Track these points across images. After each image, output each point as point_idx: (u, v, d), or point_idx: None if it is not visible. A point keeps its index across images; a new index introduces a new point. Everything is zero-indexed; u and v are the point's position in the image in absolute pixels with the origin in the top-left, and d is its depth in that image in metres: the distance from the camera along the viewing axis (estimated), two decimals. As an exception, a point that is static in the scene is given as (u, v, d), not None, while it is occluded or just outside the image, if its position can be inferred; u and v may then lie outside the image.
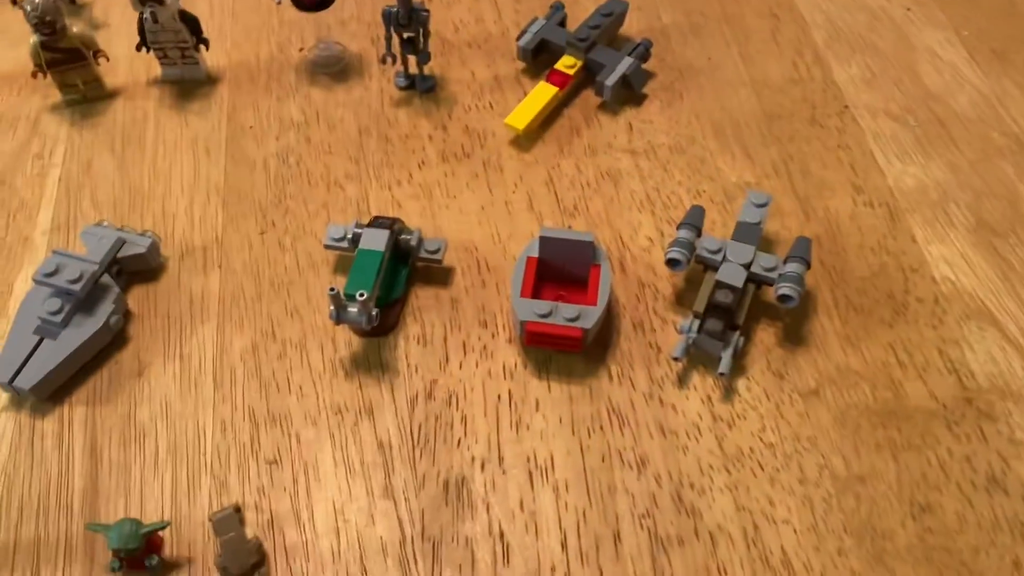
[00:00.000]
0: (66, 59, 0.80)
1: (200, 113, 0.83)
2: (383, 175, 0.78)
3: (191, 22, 0.81)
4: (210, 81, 0.85)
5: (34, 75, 0.81)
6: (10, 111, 0.83)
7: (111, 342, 0.68)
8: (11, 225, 0.75)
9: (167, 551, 0.59)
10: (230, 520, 0.58)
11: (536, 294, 0.67)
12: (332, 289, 0.62)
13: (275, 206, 0.76)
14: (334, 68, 0.86)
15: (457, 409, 0.65)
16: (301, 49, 0.87)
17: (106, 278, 0.68)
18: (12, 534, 0.59)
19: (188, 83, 0.85)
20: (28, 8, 0.75)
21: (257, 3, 0.91)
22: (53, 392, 0.65)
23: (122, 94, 0.84)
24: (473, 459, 0.63)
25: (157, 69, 0.85)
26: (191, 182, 0.78)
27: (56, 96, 0.83)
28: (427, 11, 0.78)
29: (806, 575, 0.57)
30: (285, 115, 0.83)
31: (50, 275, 0.66)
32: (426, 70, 0.83)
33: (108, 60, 0.82)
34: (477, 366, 0.67)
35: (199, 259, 0.73)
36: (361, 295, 0.62)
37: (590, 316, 0.64)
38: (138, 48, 0.82)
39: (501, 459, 0.63)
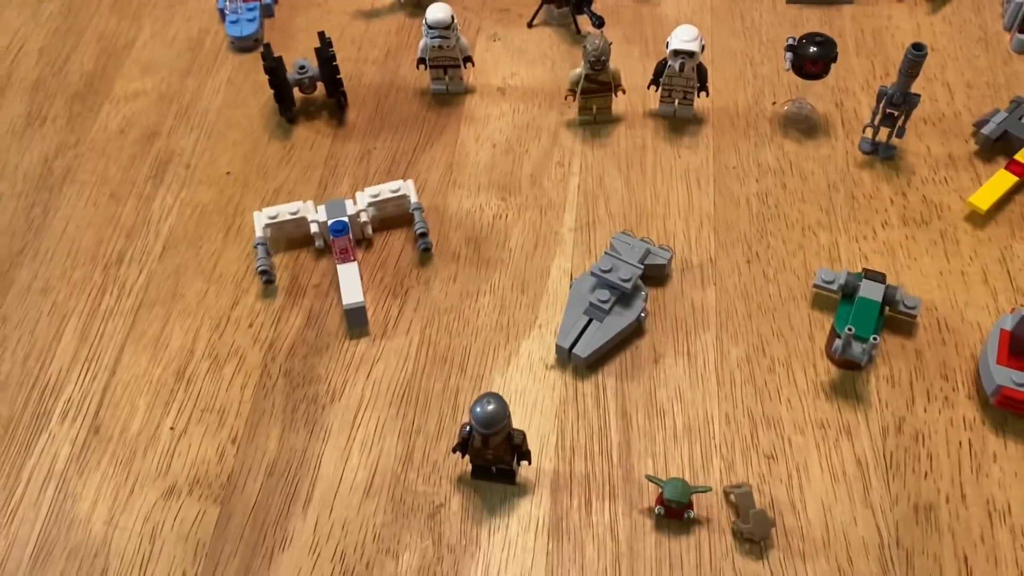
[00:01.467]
0: (597, 89, 0.97)
1: (690, 148, 0.98)
2: (851, 229, 0.91)
3: (703, 72, 0.96)
4: (696, 121, 1.01)
5: (566, 98, 0.99)
6: (535, 121, 1.02)
7: (634, 331, 0.85)
8: (543, 219, 0.94)
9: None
10: (750, 496, 0.73)
11: (1003, 363, 0.78)
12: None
13: (758, 240, 0.91)
14: (803, 124, 0.99)
15: (923, 446, 0.77)
16: (774, 103, 1.01)
17: (633, 282, 0.85)
18: (567, 465, 0.77)
19: (677, 120, 1.01)
20: (588, 47, 0.93)
21: (732, 54, 1.06)
22: (590, 364, 0.83)
23: (623, 121, 1.01)
24: (938, 491, 0.75)
25: (650, 103, 1.02)
26: (686, 208, 0.94)
27: (570, 115, 1.01)
28: (919, 96, 0.90)
29: None
30: (762, 160, 0.97)
31: (605, 271, 0.83)
32: (892, 141, 0.95)
33: (625, 94, 0.99)
34: (940, 412, 0.79)
35: (697, 275, 0.89)
36: (874, 339, 0.76)
37: (1066, 393, 0.74)
38: (650, 86, 0.99)
39: (963, 496, 0.74)
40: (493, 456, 0.73)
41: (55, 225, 0.95)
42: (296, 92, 1.02)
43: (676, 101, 0.99)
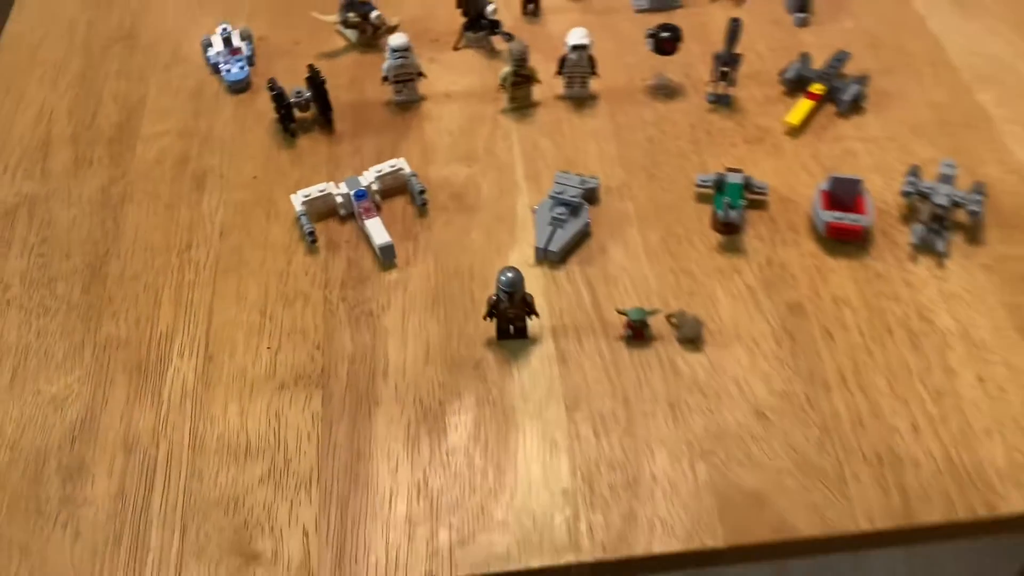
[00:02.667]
0: (521, 82, 1.34)
1: (592, 116, 1.36)
2: (712, 150, 1.30)
3: (592, 60, 1.34)
4: (592, 98, 1.39)
5: (498, 90, 1.35)
6: (477, 112, 1.37)
7: (584, 234, 1.20)
8: (501, 175, 1.28)
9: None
10: (684, 315, 1.09)
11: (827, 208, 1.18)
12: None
13: (652, 167, 1.29)
14: (665, 91, 1.39)
15: (787, 271, 1.16)
16: (643, 80, 1.41)
17: (578, 199, 1.20)
18: (560, 321, 1.11)
19: (579, 99, 1.38)
20: (514, 50, 1.29)
21: (606, 52, 1.45)
22: (561, 257, 1.17)
23: (542, 104, 1.38)
24: (802, 295, 1.13)
25: (557, 89, 1.39)
26: (598, 154, 1.31)
27: (501, 104, 1.37)
28: (742, 55, 1.31)
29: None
30: (646, 116, 1.36)
31: (559, 194, 1.18)
32: (727, 91, 1.36)
33: (540, 83, 1.36)
34: (793, 249, 1.18)
35: (616, 194, 1.25)
36: (743, 203, 1.14)
37: (868, 220, 1.15)
38: (556, 75, 1.36)
39: (818, 295, 1.13)
40: (514, 315, 1.06)
41: (127, 231, 1.22)
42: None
43: (576, 85, 1.37)
